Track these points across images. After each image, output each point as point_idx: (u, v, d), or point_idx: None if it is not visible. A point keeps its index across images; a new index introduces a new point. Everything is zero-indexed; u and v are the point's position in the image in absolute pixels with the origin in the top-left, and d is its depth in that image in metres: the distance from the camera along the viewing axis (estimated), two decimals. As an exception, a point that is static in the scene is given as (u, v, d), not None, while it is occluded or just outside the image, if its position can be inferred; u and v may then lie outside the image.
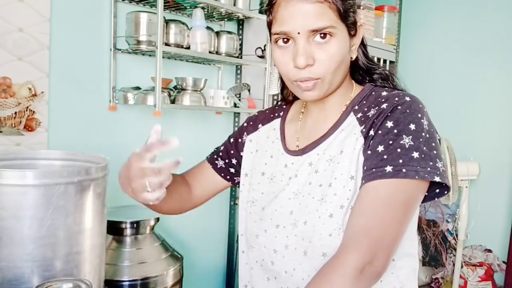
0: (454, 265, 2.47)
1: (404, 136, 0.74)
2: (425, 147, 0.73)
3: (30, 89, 1.60)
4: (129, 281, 1.49)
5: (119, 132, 1.89)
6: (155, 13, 1.67)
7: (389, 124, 0.75)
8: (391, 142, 0.74)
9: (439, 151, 0.76)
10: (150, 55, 1.90)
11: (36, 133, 1.63)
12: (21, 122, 1.59)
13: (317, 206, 0.78)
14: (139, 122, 1.95)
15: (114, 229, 1.58)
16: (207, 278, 2.42)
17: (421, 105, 0.78)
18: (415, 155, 0.72)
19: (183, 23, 1.84)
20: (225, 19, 2.20)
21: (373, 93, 0.84)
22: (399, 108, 0.76)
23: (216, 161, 1.03)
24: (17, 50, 1.56)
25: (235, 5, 2.00)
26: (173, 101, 1.87)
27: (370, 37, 2.54)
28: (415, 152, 0.73)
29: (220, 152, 1.03)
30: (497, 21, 2.69)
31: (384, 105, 0.78)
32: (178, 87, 1.91)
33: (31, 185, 0.95)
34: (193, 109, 2.02)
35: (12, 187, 0.94)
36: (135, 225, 1.60)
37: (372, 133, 0.77)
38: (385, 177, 0.72)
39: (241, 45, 2.27)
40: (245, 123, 1.02)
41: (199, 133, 2.23)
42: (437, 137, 0.79)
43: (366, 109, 0.81)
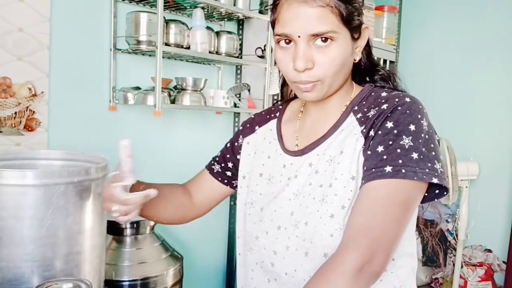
0: (454, 265, 2.47)
1: (404, 136, 0.74)
2: (424, 148, 0.74)
3: (30, 89, 1.60)
4: (129, 281, 1.49)
5: (119, 132, 1.89)
6: (155, 13, 1.67)
7: (389, 124, 0.76)
8: (391, 142, 0.74)
9: (438, 152, 0.76)
10: (150, 55, 1.90)
11: (36, 133, 1.63)
12: (21, 122, 1.59)
13: (318, 206, 0.79)
14: (139, 122, 1.95)
15: (114, 229, 1.58)
16: (207, 278, 2.42)
17: (421, 106, 0.78)
18: (415, 156, 0.73)
19: (183, 23, 1.84)
20: (225, 19, 2.20)
21: (372, 93, 0.84)
22: (399, 108, 0.76)
23: (213, 166, 1.04)
24: (17, 50, 1.56)
25: (235, 5, 2.00)
26: (173, 101, 1.87)
27: (370, 37, 2.54)
28: (414, 152, 0.73)
29: (217, 157, 1.05)
30: (497, 21, 2.69)
31: (384, 105, 0.78)
32: (178, 87, 1.91)
33: (31, 185, 0.95)
34: (193, 109, 2.02)
35: (12, 187, 0.94)
36: (135, 225, 1.60)
37: (372, 133, 0.77)
38: (385, 177, 0.72)
39: (241, 45, 2.27)
40: (241, 126, 1.03)
41: (199, 133, 2.23)
42: (437, 138, 0.79)
43: (366, 109, 0.81)
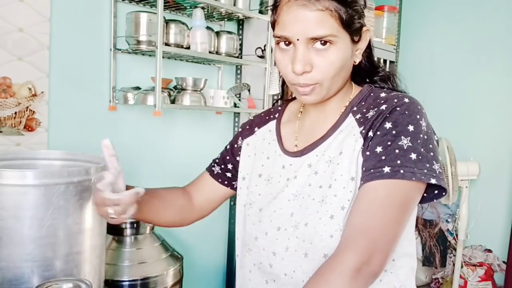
0: (454, 265, 2.47)
1: (402, 137, 0.74)
2: (423, 149, 0.74)
3: (30, 89, 1.60)
4: (129, 281, 1.49)
5: (119, 132, 1.89)
6: (155, 13, 1.67)
7: (388, 125, 0.76)
8: (389, 143, 0.74)
9: (437, 152, 0.76)
10: (150, 55, 1.90)
11: (36, 133, 1.63)
12: (21, 122, 1.59)
13: (317, 207, 0.79)
14: (139, 122, 1.95)
15: (114, 229, 1.58)
16: (207, 278, 2.42)
17: (419, 107, 0.78)
18: (413, 156, 0.73)
19: (183, 23, 1.84)
20: (225, 19, 2.20)
21: (371, 94, 0.84)
22: (398, 109, 0.76)
23: (213, 168, 1.05)
24: (17, 50, 1.56)
25: (235, 5, 2.00)
26: (173, 101, 1.87)
27: (371, 38, 2.54)
28: (413, 153, 0.73)
29: (217, 159, 1.05)
30: (497, 21, 2.69)
31: (383, 106, 0.78)
32: (178, 87, 1.91)
33: (31, 185, 0.95)
34: (193, 109, 2.02)
35: (12, 187, 0.94)
36: (135, 225, 1.60)
37: (371, 134, 0.77)
38: (383, 177, 0.72)
39: (241, 45, 2.27)
40: (240, 128, 1.04)
41: (199, 133, 2.23)
42: (436, 138, 0.79)
43: (365, 110, 0.81)
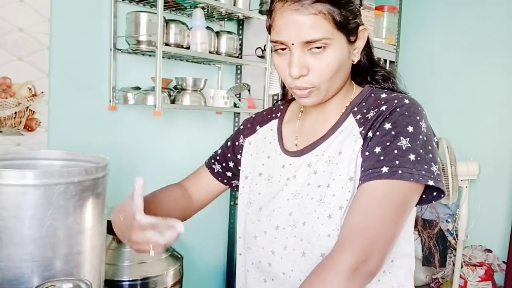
0: (454, 265, 2.47)
1: (401, 138, 0.74)
2: (422, 150, 0.74)
3: (30, 89, 1.60)
4: (129, 281, 1.49)
5: (119, 132, 1.89)
6: (155, 13, 1.67)
7: (387, 125, 0.76)
8: (388, 143, 0.74)
9: (436, 154, 0.76)
10: (150, 55, 1.90)
11: (36, 133, 1.63)
12: (21, 122, 1.59)
13: (315, 207, 0.79)
14: (139, 122, 1.95)
15: (114, 229, 1.58)
16: (207, 278, 2.42)
17: (420, 108, 0.78)
18: (412, 157, 0.72)
19: (183, 23, 1.84)
20: (225, 19, 2.20)
21: (372, 94, 0.84)
22: (398, 110, 0.76)
23: (213, 166, 1.03)
24: (17, 50, 1.56)
25: (235, 5, 2.00)
26: (173, 101, 1.87)
27: (370, 37, 2.54)
28: (411, 154, 0.73)
29: (217, 156, 1.04)
30: (497, 21, 2.69)
31: (383, 107, 0.78)
32: (178, 87, 1.91)
33: (31, 185, 0.95)
34: (193, 109, 2.02)
35: (12, 187, 0.94)
36: (135, 225, 1.60)
37: (370, 134, 0.77)
38: (381, 177, 0.72)
39: (241, 45, 2.27)
40: (242, 125, 1.02)
41: (199, 133, 2.23)
42: (435, 139, 0.79)
43: (365, 111, 0.81)
